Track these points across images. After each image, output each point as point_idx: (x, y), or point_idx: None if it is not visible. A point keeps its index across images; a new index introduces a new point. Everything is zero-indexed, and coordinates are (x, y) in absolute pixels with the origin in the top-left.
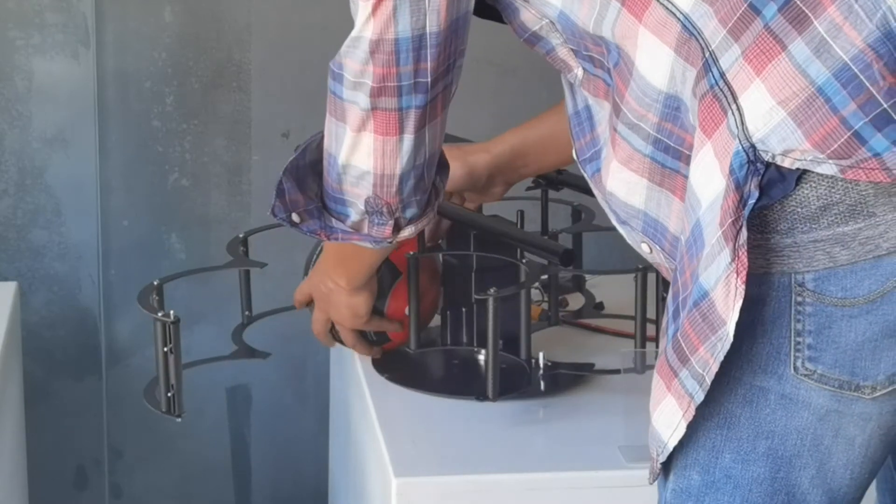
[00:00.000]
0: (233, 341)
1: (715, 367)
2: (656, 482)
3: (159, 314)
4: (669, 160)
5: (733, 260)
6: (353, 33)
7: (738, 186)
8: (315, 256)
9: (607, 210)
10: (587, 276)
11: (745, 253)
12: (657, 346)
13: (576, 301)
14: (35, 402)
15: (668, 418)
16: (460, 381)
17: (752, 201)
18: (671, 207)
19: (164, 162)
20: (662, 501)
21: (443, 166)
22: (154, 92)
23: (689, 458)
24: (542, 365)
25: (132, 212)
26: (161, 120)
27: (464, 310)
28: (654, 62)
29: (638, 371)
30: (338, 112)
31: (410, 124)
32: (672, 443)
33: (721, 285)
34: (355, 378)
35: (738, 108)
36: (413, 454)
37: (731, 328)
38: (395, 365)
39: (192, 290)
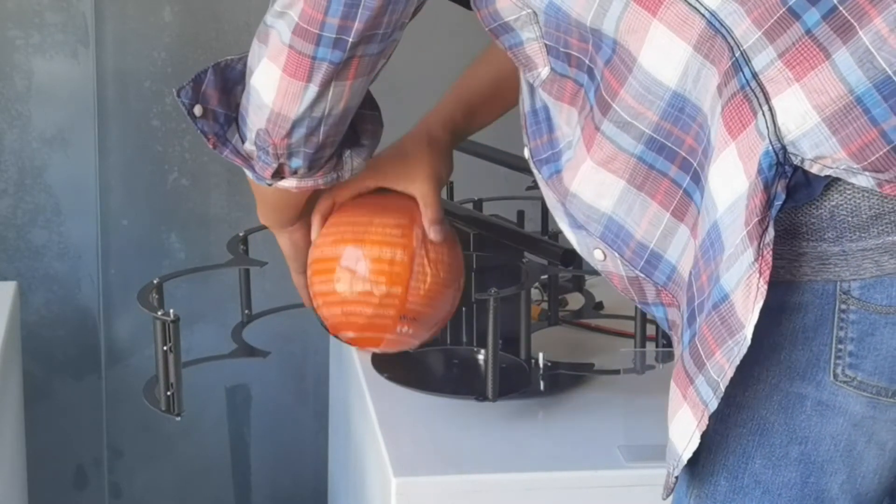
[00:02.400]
0: (232, 340)
1: (730, 373)
2: (669, 497)
3: (159, 313)
4: (660, 161)
5: (756, 259)
6: None
7: (767, 186)
8: None
9: (560, 213)
10: (587, 276)
11: (770, 253)
12: (657, 346)
13: (575, 301)
14: (35, 401)
15: (684, 429)
16: (460, 381)
17: (778, 203)
18: (644, 212)
19: (164, 161)
20: None
21: (361, 144)
22: (153, 91)
23: (716, 465)
24: (541, 365)
25: (132, 211)
26: (160, 119)
27: (464, 309)
28: (665, 58)
29: (638, 371)
30: (261, 35)
31: (319, 76)
32: (686, 455)
33: (742, 286)
34: (355, 377)
35: (771, 110)
36: (413, 454)
37: (749, 332)
38: (395, 365)
39: (192, 289)
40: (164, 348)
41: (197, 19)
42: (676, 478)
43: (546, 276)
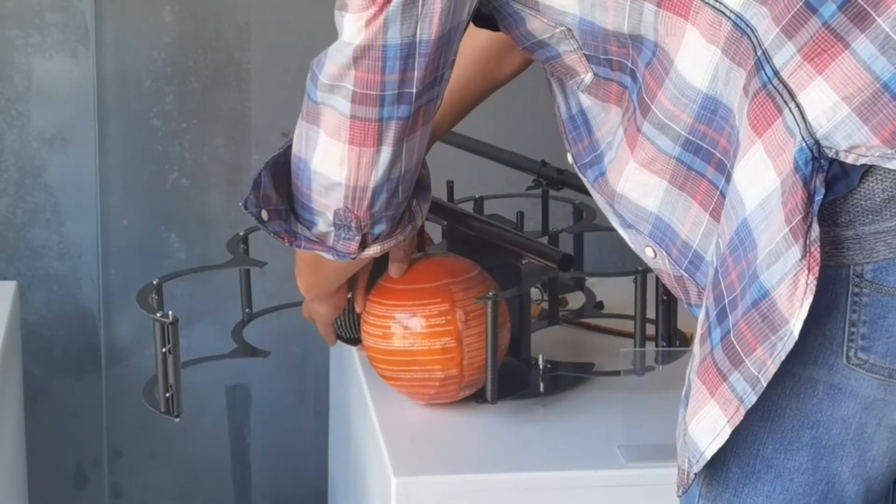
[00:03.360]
0: (233, 339)
1: (773, 369)
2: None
3: (158, 314)
4: (698, 162)
5: (804, 256)
6: (341, 38)
7: (806, 183)
8: None
9: (610, 214)
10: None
11: (818, 249)
12: (657, 346)
13: (576, 300)
14: (35, 401)
15: (709, 426)
16: None
17: (819, 197)
18: (688, 212)
19: (164, 161)
20: (695, 496)
21: (423, 188)
22: (153, 91)
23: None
24: (541, 366)
25: (132, 211)
26: (160, 119)
27: None
28: (696, 62)
29: (637, 372)
30: (310, 115)
31: (390, 136)
32: (711, 451)
33: (787, 283)
34: (355, 377)
35: (798, 106)
36: (412, 453)
37: (795, 326)
38: None
39: (192, 289)
40: (164, 350)
41: (197, 19)
42: (695, 475)
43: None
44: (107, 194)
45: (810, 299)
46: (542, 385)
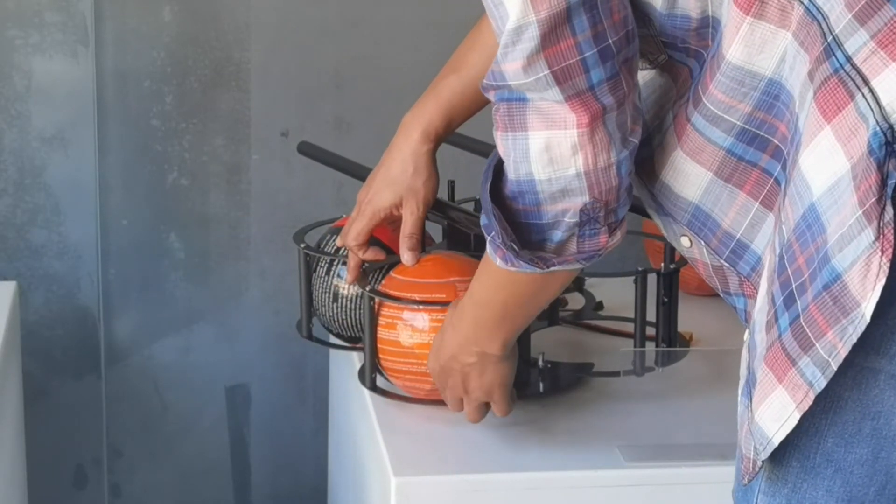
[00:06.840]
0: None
1: (844, 352)
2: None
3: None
4: (751, 152)
5: (878, 238)
6: (510, 26)
7: (880, 166)
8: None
9: (648, 200)
10: (586, 276)
11: (892, 231)
12: (657, 346)
13: (575, 301)
14: (34, 401)
15: (777, 412)
16: None
17: (892, 181)
18: (732, 203)
19: (164, 161)
20: (755, 491)
21: None
22: (153, 91)
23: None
24: (541, 366)
25: (131, 211)
26: (160, 119)
27: None
28: (762, 47)
29: (637, 373)
30: (509, 122)
31: (609, 99)
32: (779, 437)
33: (859, 266)
34: (355, 377)
35: (872, 91)
36: (412, 453)
37: (867, 309)
38: None
39: (192, 289)
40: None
41: (196, 19)
42: (762, 462)
43: None
44: (106, 194)
45: (883, 281)
46: (541, 385)
